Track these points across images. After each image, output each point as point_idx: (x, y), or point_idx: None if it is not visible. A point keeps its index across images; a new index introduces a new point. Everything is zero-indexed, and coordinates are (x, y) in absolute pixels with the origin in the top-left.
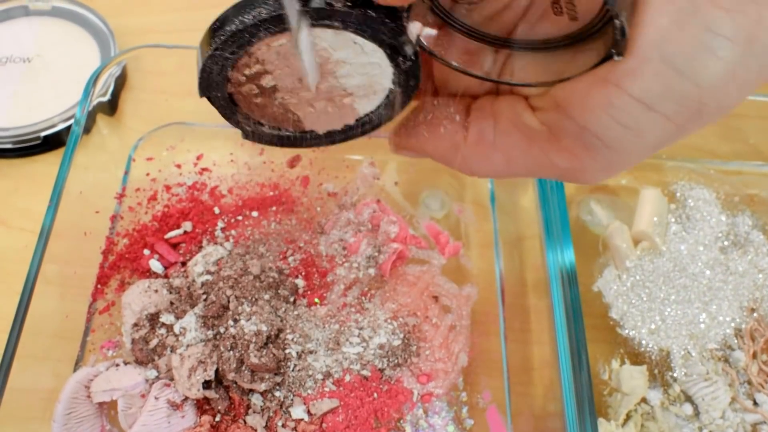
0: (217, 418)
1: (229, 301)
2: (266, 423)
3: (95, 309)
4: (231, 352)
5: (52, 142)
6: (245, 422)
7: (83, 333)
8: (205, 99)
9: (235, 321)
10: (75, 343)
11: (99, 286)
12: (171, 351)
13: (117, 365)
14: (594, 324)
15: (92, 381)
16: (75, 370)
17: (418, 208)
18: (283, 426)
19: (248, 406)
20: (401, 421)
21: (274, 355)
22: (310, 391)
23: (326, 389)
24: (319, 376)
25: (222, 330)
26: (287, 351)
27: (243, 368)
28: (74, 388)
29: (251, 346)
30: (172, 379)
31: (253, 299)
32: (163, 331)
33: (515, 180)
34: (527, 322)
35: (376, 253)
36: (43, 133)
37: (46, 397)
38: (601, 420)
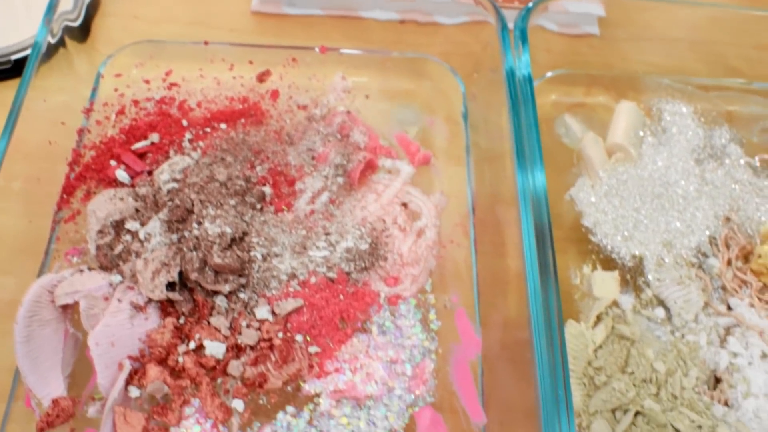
0: (181, 320)
1: (193, 205)
2: (230, 324)
3: (60, 218)
4: (194, 253)
5: (24, 66)
6: (209, 323)
7: (48, 242)
8: (176, 18)
9: (199, 224)
10: (39, 256)
11: (65, 196)
12: (136, 257)
13: (81, 271)
14: (566, 234)
15: (56, 286)
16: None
17: (390, 123)
18: (248, 326)
19: (212, 308)
20: (368, 323)
21: (238, 256)
22: (274, 292)
23: (291, 290)
24: (284, 277)
25: (186, 234)
26: (252, 253)
27: (206, 269)
28: (37, 293)
29: (214, 247)
30: (136, 284)
31: (218, 204)
32: (128, 237)
33: (489, 97)
34: (498, 235)
35: (345, 162)
36: (13, 57)
37: (8, 312)
38: (571, 321)
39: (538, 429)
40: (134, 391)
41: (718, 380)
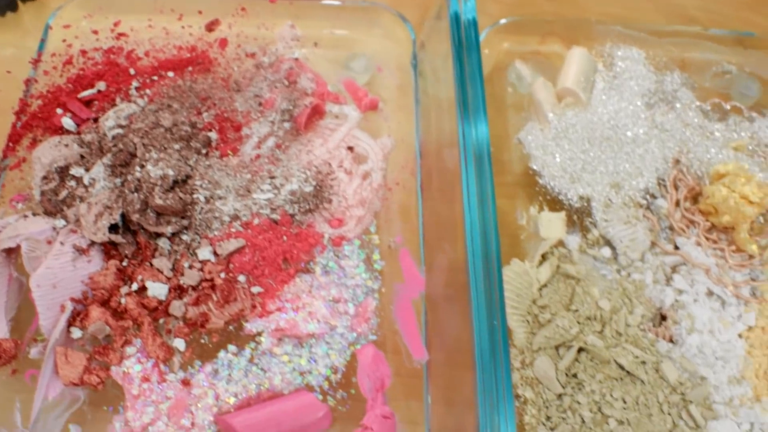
0: (125, 263)
1: (136, 149)
2: (173, 265)
3: (6, 166)
4: (135, 194)
5: None
6: (152, 265)
7: None
8: None
9: (142, 167)
10: None
11: (10, 144)
12: (80, 202)
13: (26, 216)
14: (516, 179)
15: (0, 232)
16: None
17: (340, 70)
18: (190, 267)
19: (155, 250)
20: (311, 263)
21: (180, 198)
22: (216, 233)
23: (233, 231)
24: (227, 219)
25: (129, 177)
26: (195, 196)
27: (147, 210)
28: None
29: (156, 189)
30: (80, 227)
31: (162, 148)
32: (72, 183)
33: (436, 44)
34: (444, 180)
35: (292, 107)
36: None
37: None
38: (515, 260)
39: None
40: (76, 332)
41: (663, 317)
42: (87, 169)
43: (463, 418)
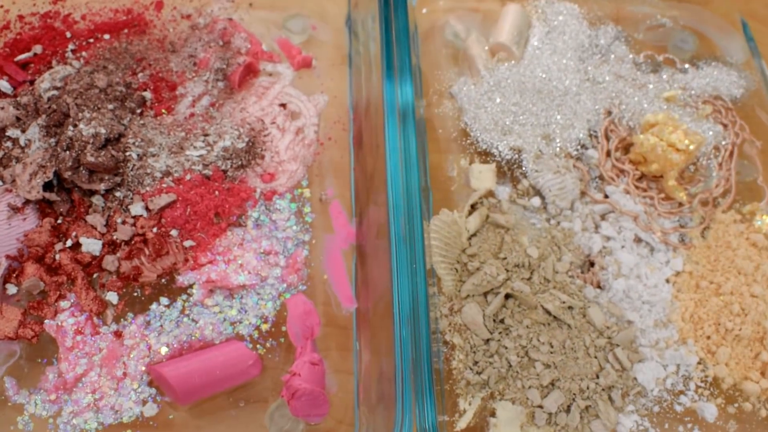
0: (59, 221)
1: (69, 109)
2: (106, 221)
3: None
4: (67, 152)
5: None
6: (86, 222)
7: None
8: None
9: (75, 126)
10: None
11: None
12: (17, 162)
13: None
14: (448, 134)
15: None
16: None
17: (276, 30)
18: (123, 223)
19: (90, 207)
20: (243, 217)
21: (112, 156)
22: (148, 189)
23: (165, 186)
24: (158, 175)
25: (62, 137)
26: (127, 153)
27: (80, 168)
28: None
29: (88, 146)
30: (16, 187)
31: (96, 108)
32: (9, 144)
33: (369, 6)
34: (372, 137)
35: (225, 66)
36: None
37: None
38: (444, 210)
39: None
40: (11, 289)
41: (591, 264)
42: (23, 131)
43: (388, 365)
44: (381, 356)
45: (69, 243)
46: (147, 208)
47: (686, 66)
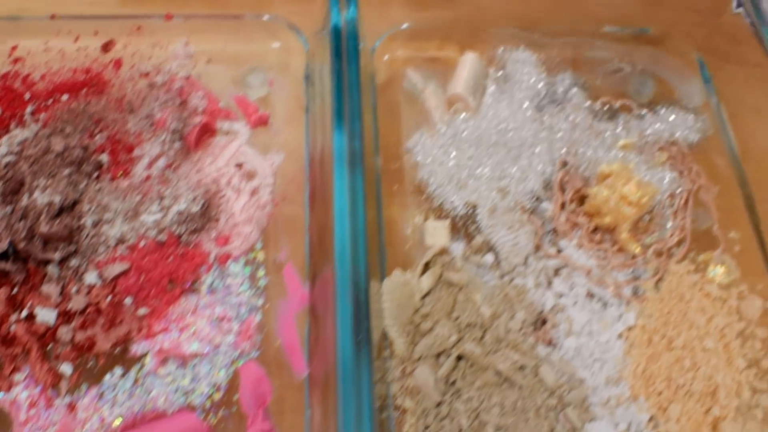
0: (15, 290)
1: (25, 177)
2: (61, 290)
3: None
4: (21, 223)
5: None
6: (41, 291)
7: None
8: None
9: (30, 195)
10: None
11: None
12: None
13: None
14: (403, 190)
15: None
16: None
17: (234, 85)
18: (77, 292)
19: (45, 276)
20: (197, 282)
21: (66, 225)
22: (102, 257)
23: (118, 254)
24: (113, 242)
25: (17, 206)
26: (82, 221)
27: (35, 238)
28: None
29: (42, 216)
30: None
31: (51, 174)
32: None
33: (324, 58)
34: (325, 192)
35: (182, 126)
36: None
37: None
38: (396, 271)
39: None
40: None
41: (544, 321)
42: None
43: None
44: (330, 421)
45: (24, 313)
46: (101, 277)
47: (643, 111)
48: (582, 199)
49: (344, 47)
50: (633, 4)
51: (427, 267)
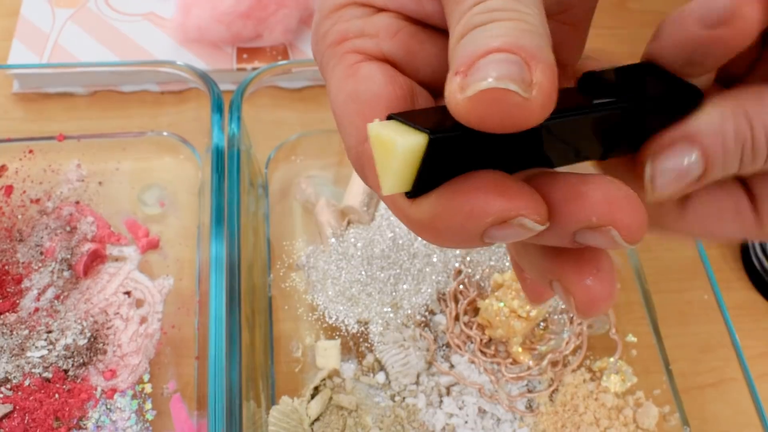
0: None
1: None
2: None
3: None
4: None
5: None
6: None
7: None
8: None
9: None
10: None
11: None
12: None
13: None
14: (293, 311)
15: None
16: None
17: (127, 206)
18: None
19: None
20: (83, 419)
21: None
22: None
23: (1, 396)
24: None
25: None
26: None
27: None
28: None
29: None
30: None
31: None
32: None
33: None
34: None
35: (70, 256)
36: None
37: None
38: (284, 398)
39: None
40: None
41: None
42: None
43: None
44: None
45: None
46: None
47: None
48: (477, 310)
49: (226, 161)
50: None
51: (316, 391)
